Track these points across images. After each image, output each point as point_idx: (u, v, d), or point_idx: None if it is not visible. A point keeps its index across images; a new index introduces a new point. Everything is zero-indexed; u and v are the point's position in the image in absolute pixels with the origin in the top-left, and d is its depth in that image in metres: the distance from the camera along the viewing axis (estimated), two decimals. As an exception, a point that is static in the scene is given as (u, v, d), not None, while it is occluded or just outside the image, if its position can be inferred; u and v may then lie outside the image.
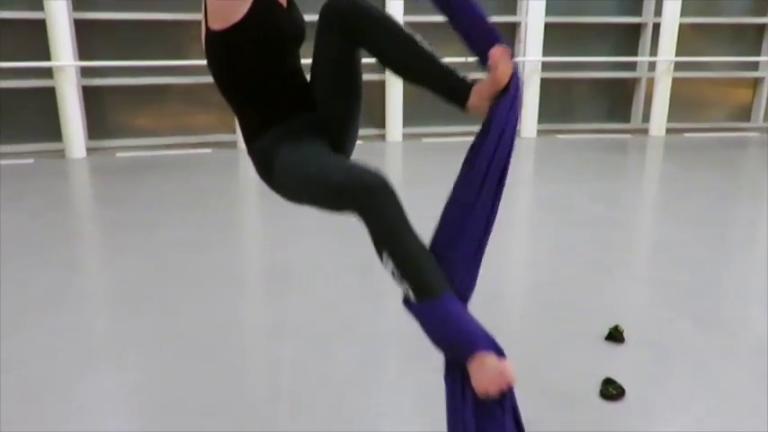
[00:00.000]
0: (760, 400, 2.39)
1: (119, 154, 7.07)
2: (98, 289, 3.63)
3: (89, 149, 7.06)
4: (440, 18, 1.71)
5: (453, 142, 6.49)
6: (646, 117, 8.58)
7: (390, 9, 6.99)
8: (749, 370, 2.61)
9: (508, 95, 1.62)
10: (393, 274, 1.53)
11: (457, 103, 1.71)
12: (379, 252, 1.54)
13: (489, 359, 1.47)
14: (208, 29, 1.76)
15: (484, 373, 1.46)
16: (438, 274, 1.54)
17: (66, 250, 4.13)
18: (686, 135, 8.32)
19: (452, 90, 1.70)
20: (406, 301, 1.56)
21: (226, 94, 1.84)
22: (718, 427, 2.24)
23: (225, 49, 1.76)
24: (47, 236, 4.34)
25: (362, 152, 1.88)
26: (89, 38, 7.05)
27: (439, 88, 1.72)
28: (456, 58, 6.66)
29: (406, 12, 7.18)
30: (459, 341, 1.50)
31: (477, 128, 1.65)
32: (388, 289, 1.72)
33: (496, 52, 1.63)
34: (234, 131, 7.46)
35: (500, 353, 1.50)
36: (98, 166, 6.61)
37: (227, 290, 3.48)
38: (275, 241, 4.35)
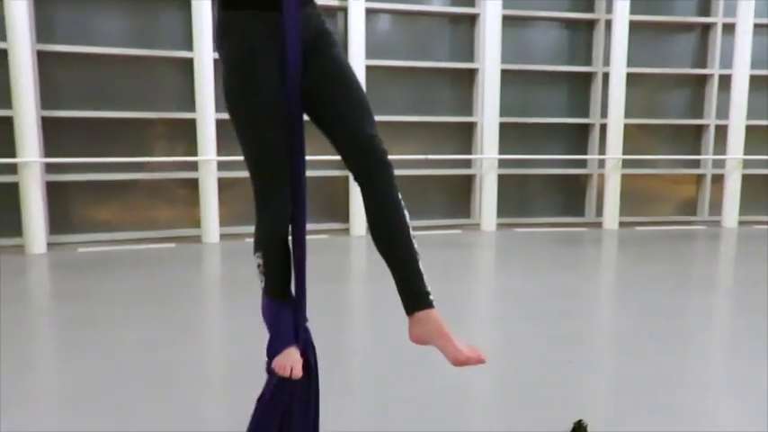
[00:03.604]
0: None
1: (80, 249, 6.99)
2: (52, 389, 3.52)
3: (50, 245, 6.99)
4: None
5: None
6: (599, 211, 8.97)
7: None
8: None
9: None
10: (258, 267, 1.90)
11: (405, 307, 1.79)
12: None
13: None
14: None
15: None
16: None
17: (20, 348, 4.01)
18: (638, 228, 8.68)
19: (408, 296, 1.78)
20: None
21: None
22: None
23: None
24: (1, 333, 4.21)
25: (326, 246, 1.97)
26: (55, 135, 7.15)
27: (400, 282, 1.79)
28: (417, 156, 6.79)
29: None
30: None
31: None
32: (354, 387, 1.75)
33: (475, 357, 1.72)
34: (198, 226, 7.51)
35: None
36: (58, 262, 6.51)
37: (187, 390, 3.41)
38: (238, 339, 4.30)
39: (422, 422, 2.97)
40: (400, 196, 1.78)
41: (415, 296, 1.75)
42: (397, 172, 1.80)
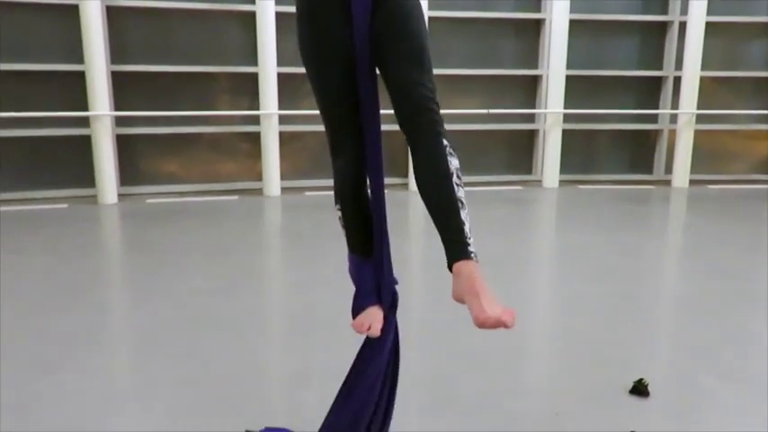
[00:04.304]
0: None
1: (149, 200, 7.26)
2: (125, 333, 3.71)
3: (120, 195, 7.27)
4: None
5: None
6: (668, 168, 8.61)
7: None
8: (777, 427, 2.57)
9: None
10: (339, 220, 1.94)
11: (447, 261, 1.68)
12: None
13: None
14: None
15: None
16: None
17: (95, 294, 4.23)
18: (710, 187, 8.31)
19: (447, 247, 1.65)
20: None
21: None
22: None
23: None
24: (77, 279, 4.46)
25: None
26: (124, 89, 7.35)
27: (440, 233, 1.68)
28: (479, 110, 6.63)
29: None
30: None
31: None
32: (411, 338, 1.76)
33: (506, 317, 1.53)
34: (259, 179, 7.65)
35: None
36: (129, 212, 6.79)
37: (251, 336, 3.53)
38: (300, 288, 4.41)
39: (480, 376, 2.98)
40: (446, 143, 1.66)
41: (450, 245, 1.62)
42: (458, 126, 1.75)
